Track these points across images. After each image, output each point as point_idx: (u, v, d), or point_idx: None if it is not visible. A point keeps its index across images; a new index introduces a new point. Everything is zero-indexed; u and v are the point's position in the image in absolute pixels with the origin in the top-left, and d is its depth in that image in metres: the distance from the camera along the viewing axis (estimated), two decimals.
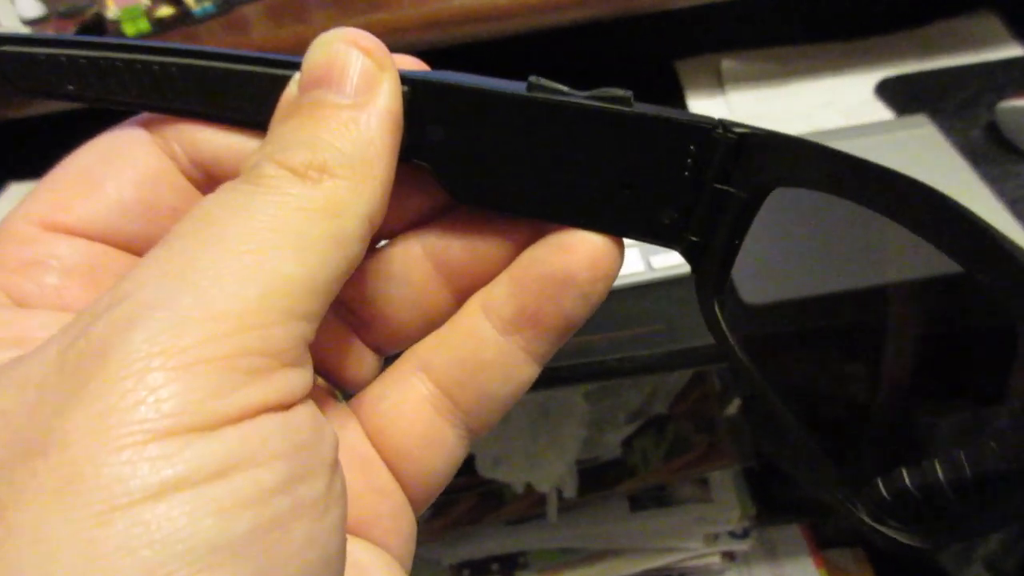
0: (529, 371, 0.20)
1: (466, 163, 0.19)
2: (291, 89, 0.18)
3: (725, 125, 0.18)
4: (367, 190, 0.17)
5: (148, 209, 0.19)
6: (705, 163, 0.19)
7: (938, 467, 0.18)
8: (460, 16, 0.55)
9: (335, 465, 0.16)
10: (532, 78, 0.19)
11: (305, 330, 0.16)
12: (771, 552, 0.79)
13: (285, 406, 0.15)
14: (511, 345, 0.20)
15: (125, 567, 0.12)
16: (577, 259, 0.19)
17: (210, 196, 0.16)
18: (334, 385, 0.21)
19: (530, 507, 0.76)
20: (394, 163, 0.18)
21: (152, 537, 0.13)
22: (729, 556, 0.75)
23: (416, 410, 0.20)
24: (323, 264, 0.16)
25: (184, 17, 0.55)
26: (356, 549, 0.19)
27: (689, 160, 0.19)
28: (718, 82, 0.67)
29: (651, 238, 0.20)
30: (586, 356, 0.48)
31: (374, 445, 0.20)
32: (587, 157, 0.19)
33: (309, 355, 0.16)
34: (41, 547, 0.12)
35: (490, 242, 0.20)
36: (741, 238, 0.20)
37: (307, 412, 0.16)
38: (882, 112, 0.60)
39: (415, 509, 0.21)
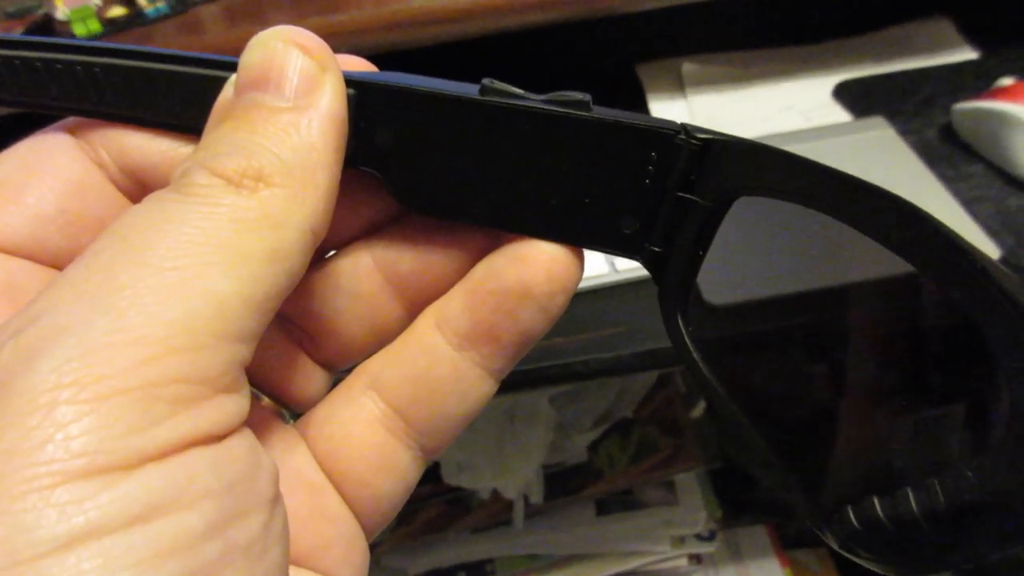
0: (486, 388, 0.19)
1: (416, 170, 0.18)
2: (227, 91, 0.17)
3: (688, 131, 0.18)
4: (308, 200, 0.16)
5: (73, 221, 0.18)
6: (667, 170, 0.18)
7: (911, 497, 0.17)
8: (420, 18, 0.54)
9: (275, 500, 0.15)
10: (486, 81, 0.18)
11: (240, 353, 0.14)
12: (737, 553, 0.79)
13: (217, 437, 0.14)
14: (466, 361, 0.19)
15: None
16: (534, 271, 0.18)
17: (134, 207, 0.15)
18: (280, 405, 0.20)
19: (496, 514, 0.75)
20: (338, 170, 0.17)
21: None
22: (696, 559, 0.76)
23: (367, 432, 0.19)
24: (259, 280, 0.15)
25: (136, 18, 0.54)
26: None
27: (650, 167, 0.18)
28: (679, 85, 0.67)
29: (611, 248, 0.19)
30: (550, 359, 0.48)
31: (324, 470, 0.19)
32: (543, 164, 0.18)
33: (245, 379, 0.15)
34: None
35: (443, 252, 0.19)
36: (705, 248, 0.19)
37: (242, 443, 0.15)
38: (840, 114, 0.61)
39: (367, 534, 0.20)
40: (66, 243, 0.18)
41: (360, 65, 0.19)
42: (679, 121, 0.18)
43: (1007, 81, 0.53)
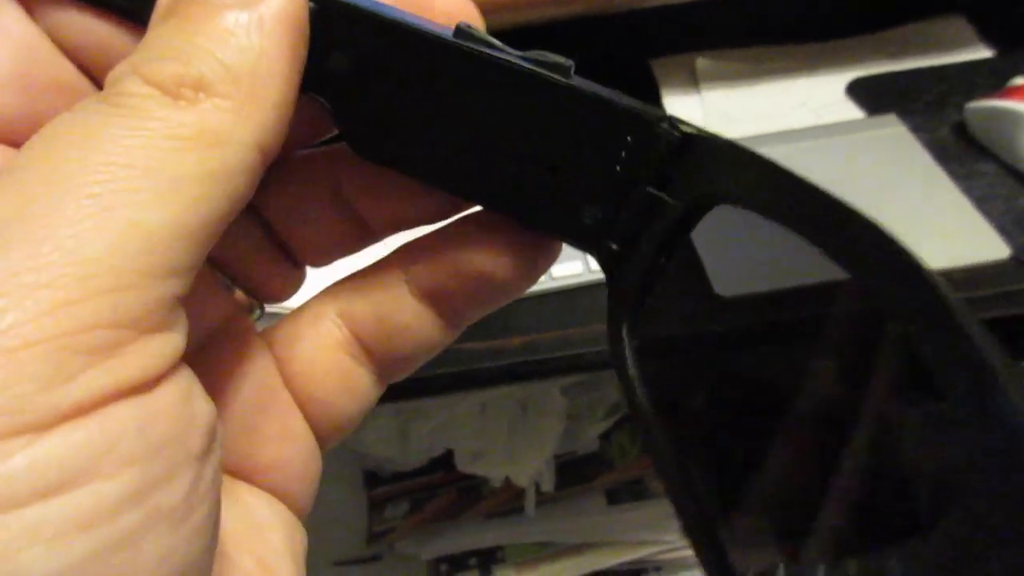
0: (445, 337, 0.19)
1: (369, 108, 0.16)
2: None
3: (672, 121, 0.16)
4: (256, 113, 0.14)
5: (29, 85, 0.16)
6: (641, 160, 0.16)
7: None
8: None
9: (207, 453, 0.13)
10: (463, 23, 0.16)
11: (172, 287, 0.13)
12: None
13: (144, 386, 0.12)
14: (429, 312, 0.19)
15: None
16: (504, 262, 0.17)
17: (61, 116, 0.13)
18: (254, 298, 0.19)
19: (508, 501, 0.76)
20: (296, 80, 0.14)
21: None
22: None
23: (333, 356, 0.19)
24: (194, 207, 0.13)
25: None
26: (256, 503, 0.18)
27: (623, 153, 0.16)
28: (693, 81, 0.68)
29: (567, 236, 0.17)
30: (565, 349, 0.48)
31: (288, 387, 0.19)
32: (507, 126, 0.16)
33: (181, 314, 0.13)
34: None
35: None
36: (668, 257, 0.17)
37: (174, 392, 0.13)
38: (853, 112, 0.62)
39: (322, 449, 0.19)
40: (22, 109, 0.16)
41: None
42: (691, 117, 0.16)
43: (1021, 80, 0.53)
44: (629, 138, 0.16)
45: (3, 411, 0.11)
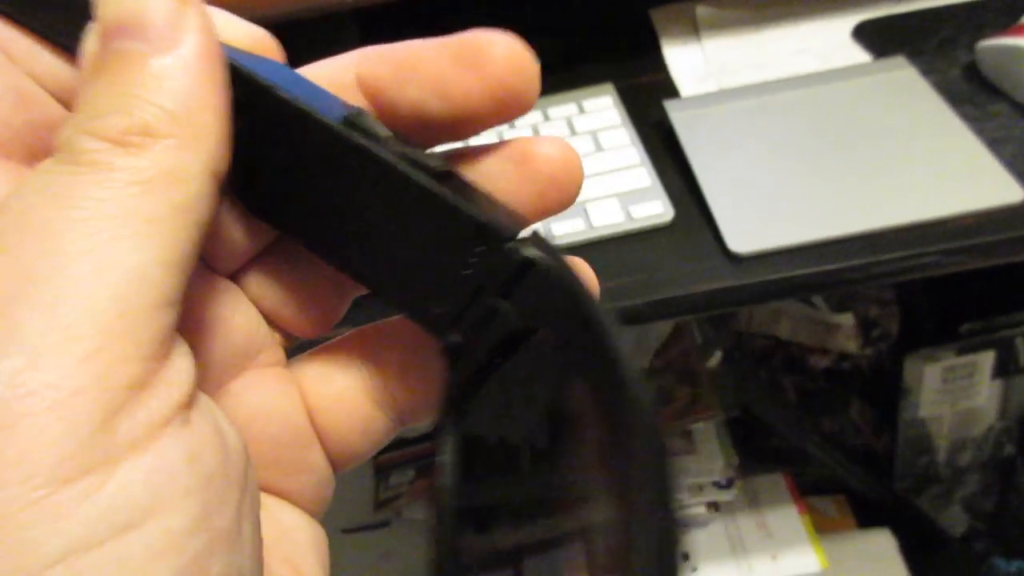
0: None
1: (253, 164, 0.17)
2: (91, 42, 0.15)
3: (522, 242, 0.17)
4: (202, 144, 0.15)
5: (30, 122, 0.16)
6: (487, 270, 0.17)
7: None
8: None
9: (245, 476, 0.15)
10: (353, 111, 0.17)
11: (171, 317, 0.14)
12: (755, 501, 0.79)
13: (183, 417, 0.14)
14: None
15: None
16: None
17: (27, 185, 0.14)
18: (292, 334, 0.20)
19: None
20: (226, 105, 0.15)
21: None
22: (714, 506, 0.76)
23: (357, 400, 0.20)
24: (174, 240, 0.14)
25: None
26: (281, 513, 0.19)
27: (473, 260, 0.17)
28: (694, 29, 0.66)
29: (417, 319, 0.18)
30: None
31: (312, 422, 0.20)
32: (378, 213, 0.17)
33: (182, 341, 0.15)
34: None
35: None
36: (500, 363, 0.18)
37: (207, 423, 0.15)
38: (860, 56, 0.60)
39: (334, 472, 0.21)
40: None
41: (249, 38, 0.18)
42: (692, 67, 0.16)
43: None
44: (478, 249, 0.17)
45: (70, 455, 0.12)
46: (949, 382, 0.83)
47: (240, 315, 0.19)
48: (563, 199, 0.18)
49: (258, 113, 0.16)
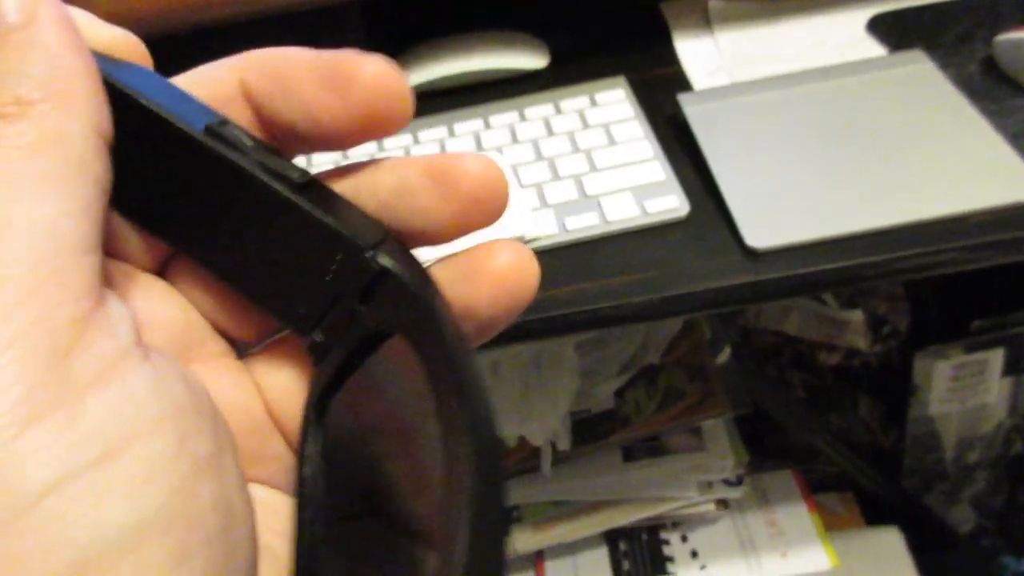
0: None
1: (123, 176, 0.17)
2: None
3: (380, 250, 0.17)
4: (77, 105, 0.15)
5: None
6: (348, 277, 0.18)
7: None
8: None
9: (214, 413, 0.16)
10: (215, 122, 0.18)
11: (94, 264, 0.15)
12: (764, 498, 0.79)
13: (139, 352, 0.15)
14: None
15: (51, 569, 0.12)
16: (481, 290, 0.18)
17: None
18: (234, 337, 0.20)
19: (523, 461, 0.75)
20: (94, 69, 0.16)
21: (67, 535, 0.12)
22: (723, 504, 0.76)
23: (306, 386, 0.20)
24: (72, 194, 0.15)
25: None
26: (254, 490, 0.19)
27: (333, 267, 0.18)
28: (706, 23, 0.65)
29: (283, 320, 0.19)
30: (579, 305, 0.47)
31: (269, 413, 0.20)
32: (242, 217, 0.18)
33: (112, 292, 0.16)
34: None
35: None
36: (356, 366, 0.19)
37: (165, 362, 0.15)
38: (875, 49, 0.59)
39: None
40: None
41: (122, 42, 0.18)
42: (705, 61, 0.16)
43: None
44: (339, 256, 0.18)
45: (31, 394, 0.13)
46: (959, 379, 0.82)
47: (171, 306, 0.19)
48: (486, 217, 0.18)
49: (123, 121, 0.17)
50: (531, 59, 0.63)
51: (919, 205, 0.46)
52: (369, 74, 0.17)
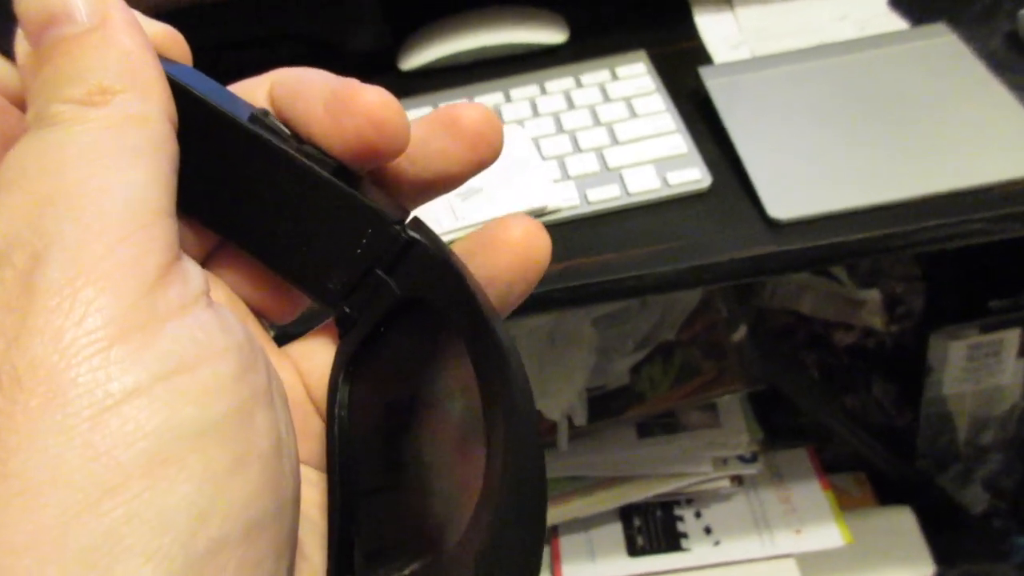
0: None
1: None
2: (22, 48, 0.18)
3: (406, 226, 0.19)
4: (153, 93, 0.17)
5: None
6: (376, 251, 0.19)
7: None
8: None
9: (267, 359, 0.18)
10: (258, 111, 0.19)
11: (173, 227, 0.17)
12: (778, 475, 0.79)
13: (209, 298, 0.17)
14: None
15: (128, 460, 0.14)
16: (500, 258, 0.20)
17: (16, 149, 0.16)
18: (269, 319, 0.22)
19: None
20: (159, 65, 0.18)
21: (144, 430, 0.14)
22: (737, 480, 0.76)
23: None
24: (156, 166, 0.17)
25: None
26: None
27: (364, 241, 0.19)
28: None
29: (313, 295, 0.21)
30: (601, 275, 0.47)
31: (308, 395, 0.22)
32: (281, 198, 0.20)
33: (184, 253, 0.17)
34: (45, 457, 0.14)
35: None
36: (384, 331, 0.20)
37: (228, 311, 0.17)
38: (897, 23, 0.59)
39: None
40: None
41: (166, 38, 0.20)
42: (725, 35, 0.17)
43: None
44: (370, 230, 0.19)
45: (124, 317, 0.15)
46: (974, 360, 0.82)
47: (218, 294, 0.21)
48: (489, 148, 0.20)
49: (180, 112, 0.18)
50: (550, 34, 0.63)
51: (941, 177, 0.46)
52: (362, 103, 0.19)
